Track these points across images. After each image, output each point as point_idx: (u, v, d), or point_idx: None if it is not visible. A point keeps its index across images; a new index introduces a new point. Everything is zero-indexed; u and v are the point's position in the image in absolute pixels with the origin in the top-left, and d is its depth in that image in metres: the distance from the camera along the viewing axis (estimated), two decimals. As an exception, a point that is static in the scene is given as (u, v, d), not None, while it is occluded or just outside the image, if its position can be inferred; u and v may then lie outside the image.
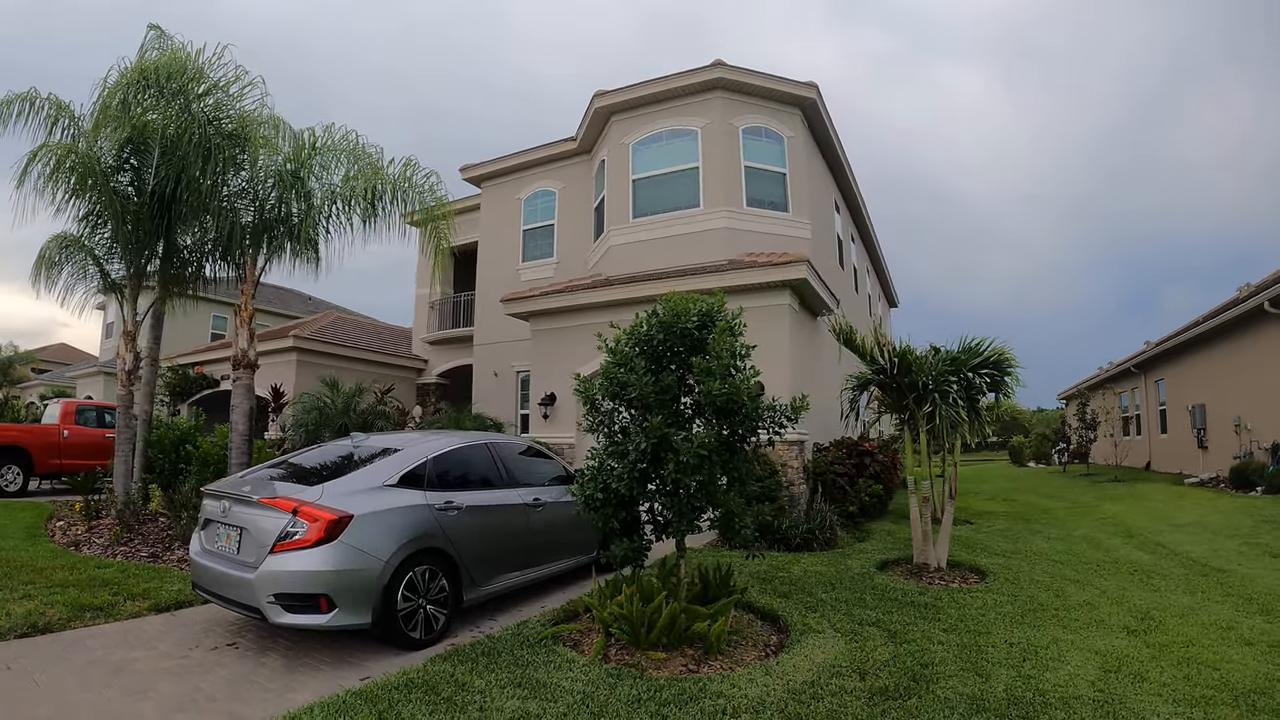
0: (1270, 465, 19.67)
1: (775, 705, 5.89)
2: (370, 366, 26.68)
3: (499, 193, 24.68)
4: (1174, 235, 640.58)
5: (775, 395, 15.00)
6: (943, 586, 10.47)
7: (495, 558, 8.78)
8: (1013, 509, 21.00)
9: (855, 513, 15.35)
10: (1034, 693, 6.23)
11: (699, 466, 7.33)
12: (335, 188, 14.45)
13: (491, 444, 9.89)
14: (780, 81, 19.04)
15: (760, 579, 10.37)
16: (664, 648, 7.16)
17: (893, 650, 7.33)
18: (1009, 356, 11.52)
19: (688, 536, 8.26)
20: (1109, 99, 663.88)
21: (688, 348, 8.02)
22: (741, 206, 18.45)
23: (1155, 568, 11.71)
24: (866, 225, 29.44)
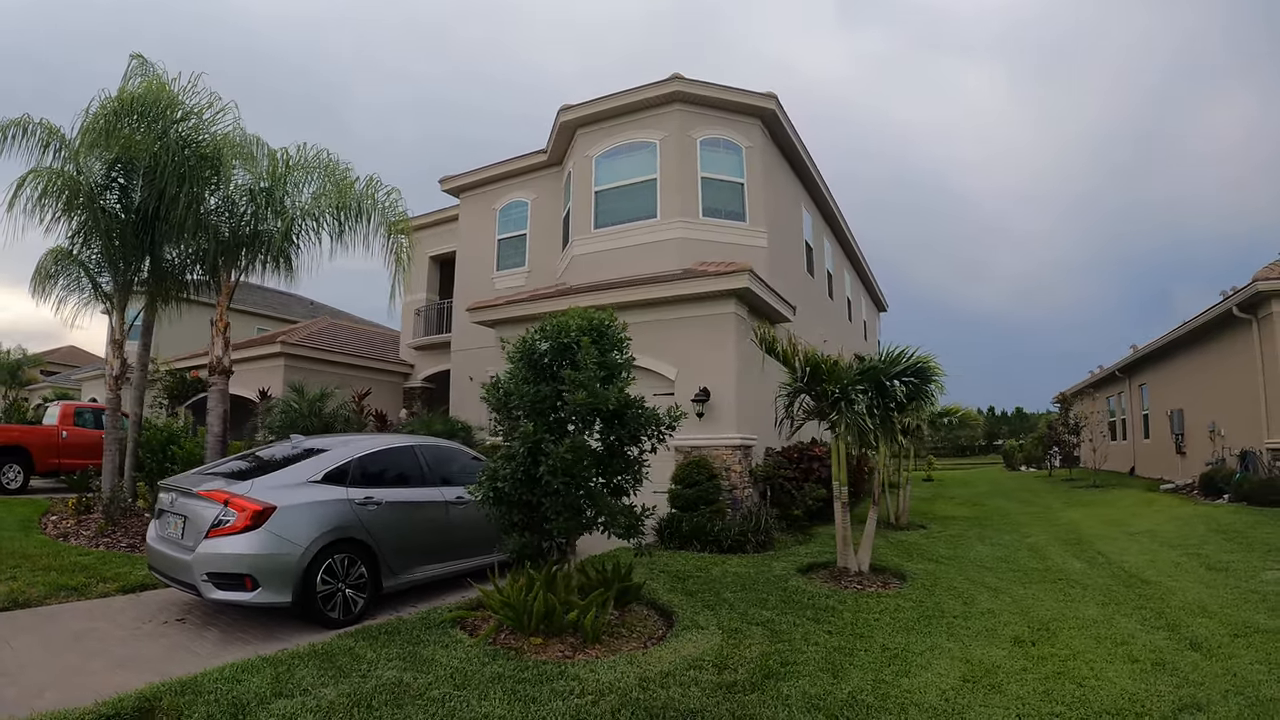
0: (1238, 473, 19.63)
1: (620, 689, 6.31)
2: (357, 371, 26.90)
3: (476, 203, 24.90)
4: (1179, 232, 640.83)
5: (722, 400, 15.30)
6: (855, 591, 10.61)
7: (415, 549, 9.57)
8: (976, 514, 21.00)
9: (800, 516, 15.49)
10: (877, 697, 6.39)
11: (568, 469, 7.89)
12: (304, 206, 15.08)
13: (419, 446, 10.68)
14: (738, 93, 19.12)
15: (677, 578, 10.92)
16: (544, 634, 7.69)
17: (764, 649, 7.65)
18: (932, 365, 11.74)
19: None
20: (1111, 95, 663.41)
21: (570, 362, 8.53)
22: (697, 217, 18.59)
23: (1082, 577, 11.70)
24: (844, 231, 29.46)
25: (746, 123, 19.54)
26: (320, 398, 19.98)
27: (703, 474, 14.73)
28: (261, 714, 5.64)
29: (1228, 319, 21.52)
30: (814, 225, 25.18)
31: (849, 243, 30.91)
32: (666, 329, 16.67)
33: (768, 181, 19.97)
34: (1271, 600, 9.45)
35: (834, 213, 27.28)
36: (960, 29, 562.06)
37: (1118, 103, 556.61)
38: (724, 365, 15.21)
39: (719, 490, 14.79)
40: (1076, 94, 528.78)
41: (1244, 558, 12.21)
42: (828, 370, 11.58)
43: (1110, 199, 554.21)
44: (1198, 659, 7.43)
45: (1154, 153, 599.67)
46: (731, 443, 15.72)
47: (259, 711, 5.68)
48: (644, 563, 11.29)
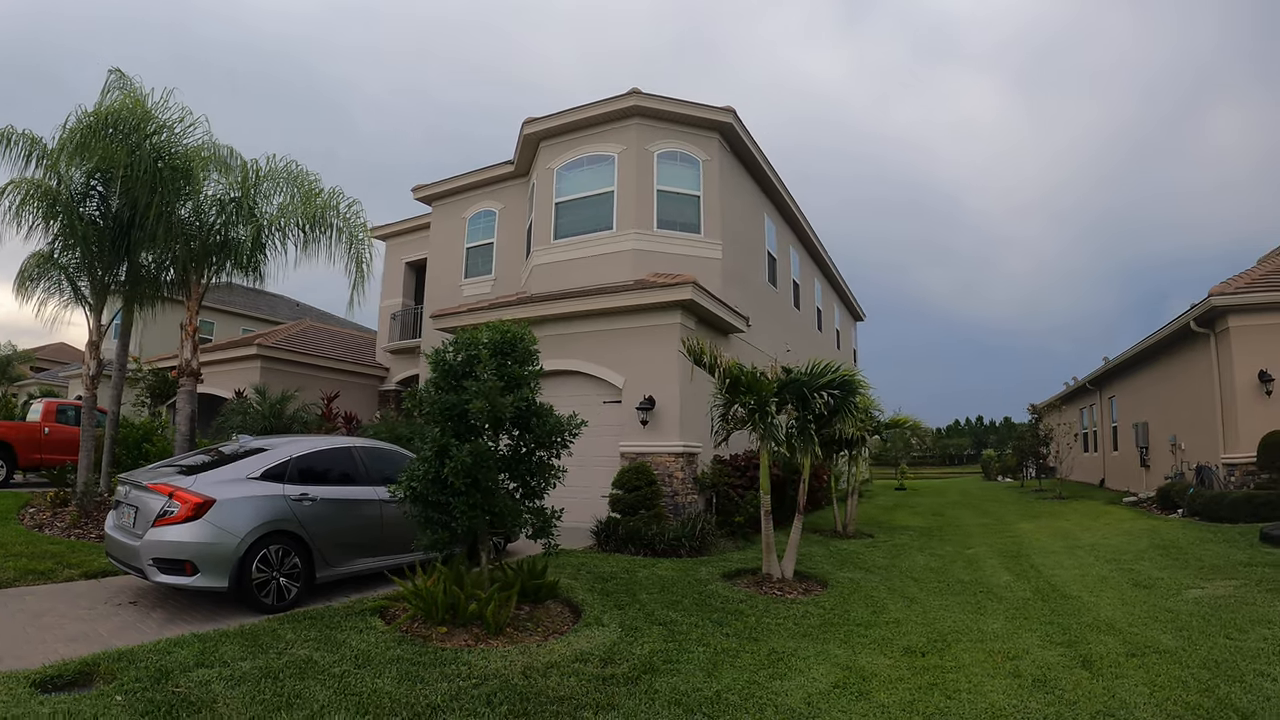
0: (1191, 487, 19.56)
1: (503, 676, 6.80)
2: (332, 374, 26.85)
3: (447, 211, 24.96)
4: (1184, 245, 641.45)
5: (666, 408, 15.34)
6: (772, 596, 10.80)
7: (350, 544, 10.15)
8: (930, 524, 21.01)
9: (742, 523, 15.58)
10: (742, 697, 6.67)
11: (469, 471, 8.29)
12: (271, 215, 15.32)
13: (358, 447, 11.22)
14: (696, 107, 19.16)
15: (601, 578, 11.27)
16: (450, 624, 8.22)
17: (655, 647, 8.04)
18: (855, 379, 12.12)
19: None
20: (1119, 107, 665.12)
21: (474, 372, 8.95)
22: (652, 229, 18.61)
23: (1005, 590, 11.71)
24: (813, 242, 29.44)
25: (704, 136, 19.56)
26: (281, 400, 20.18)
27: (642, 479, 14.82)
28: (182, 679, 6.30)
29: (1186, 333, 21.52)
30: (778, 236, 25.16)
31: (819, 253, 30.89)
32: (616, 338, 16.82)
33: (726, 194, 19.98)
34: (1183, 620, 9.42)
35: (801, 224, 27.29)
36: (962, 37, 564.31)
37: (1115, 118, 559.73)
38: (669, 375, 15.29)
39: (658, 496, 14.92)
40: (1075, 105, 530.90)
41: (1173, 575, 12.17)
42: (747, 382, 11.65)
43: (1107, 209, 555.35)
44: (1083, 678, 7.41)
45: (1155, 158, 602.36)
46: (674, 450, 15.85)
47: (180, 677, 6.35)
48: (574, 563, 12.04)
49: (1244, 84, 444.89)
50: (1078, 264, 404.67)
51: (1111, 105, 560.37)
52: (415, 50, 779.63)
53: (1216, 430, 19.84)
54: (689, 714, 6.26)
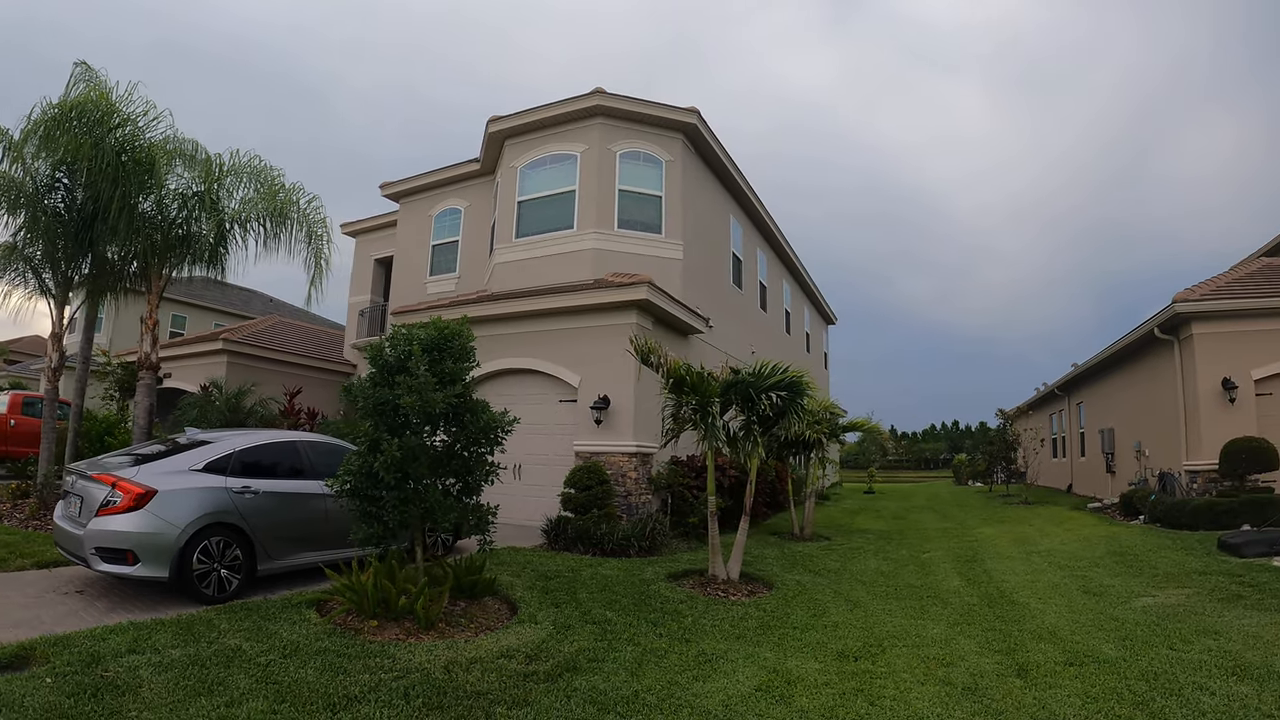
0: (1153, 494, 19.45)
1: (425, 670, 6.85)
2: (300, 370, 26.50)
3: (414, 209, 24.70)
4: (1163, 252, 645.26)
5: (621, 408, 15.17)
6: (715, 598, 10.71)
7: (292, 537, 10.19)
8: (891, 528, 20.95)
9: (696, 524, 15.47)
10: (660, 698, 6.67)
11: (399, 466, 8.34)
12: (233, 210, 15.28)
13: (304, 441, 11.27)
14: (660, 108, 18.96)
15: (545, 576, 11.19)
16: (382, 618, 8.27)
17: (584, 645, 8.05)
18: (803, 381, 11.97)
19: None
20: (1098, 115, 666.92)
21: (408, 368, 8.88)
22: (612, 228, 18.41)
23: (953, 595, 11.57)
24: (782, 245, 29.28)
25: (668, 137, 19.35)
26: (238, 394, 20.15)
27: (594, 479, 14.75)
28: (113, 664, 6.45)
29: (1151, 340, 21.48)
30: (744, 237, 24.97)
31: (788, 256, 30.71)
32: (573, 338, 16.69)
33: (689, 194, 19.80)
34: (1128, 629, 9.24)
35: (770, 226, 27.11)
36: (948, 47, 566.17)
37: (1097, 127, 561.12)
38: (624, 375, 15.12)
39: (611, 495, 14.86)
40: (1057, 116, 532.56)
41: (1126, 582, 12.01)
42: (692, 382, 11.55)
43: (1087, 218, 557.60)
44: (1016, 687, 7.25)
45: (1137, 172, 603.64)
46: (628, 450, 15.73)
47: (111, 662, 6.49)
48: (520, 560, 12.01)
49: (1228, 100, 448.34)
50: (1057, 275, 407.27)
51: (1096, 118, 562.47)
52: (402, 45, 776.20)
53: (1180, 437, 19.71)
54: (603, 713, 6.25)
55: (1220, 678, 7.26)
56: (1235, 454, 17.14)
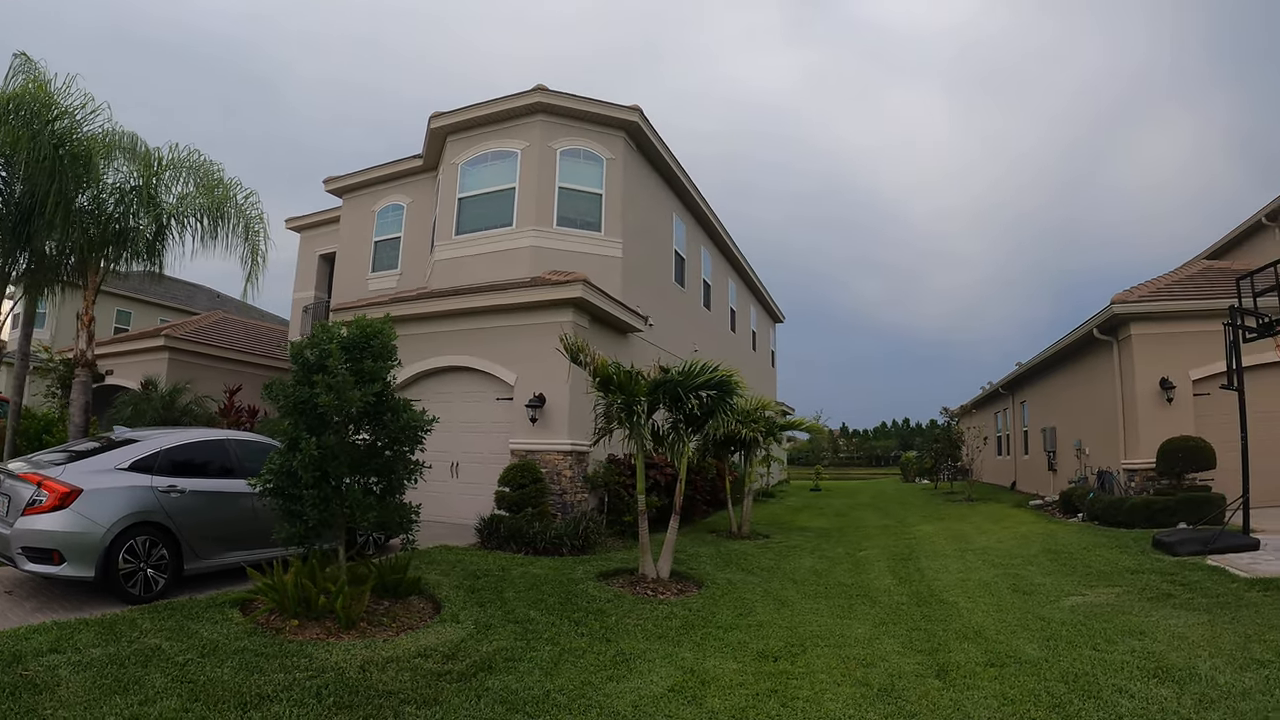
0: (1091, 492, 19.52)
1: (340, 669, 6.83)
2: (243, 366, 26.17)
3: (357, 204, 24.28)
4: (1117, 255, 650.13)
5: (556, 406, 15.03)
6: (643, 597, 10.68)
7: (219, 536, 10.01)
8: (831, 526, 20.98)
9: (632, 522, 15.23)
10: (571, 698, 6.68)
11: (318, 465, 8.27)
12: (171, 206, 15.03)
13: (231, 440, 11.13)
14: (601, 105, 18.79)
15: (474, 575, 11.03)
16: (303, 618, 8.15)
17: (503, 645, 8.03)
18: (733, 380, 11.92)
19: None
20: (1057, 121, 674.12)
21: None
22: (551, 226, 18.21)
23: (884, 594, 11.52)
24: (727, 243, 29.15)
25: (610, 135, 19.17)
26: (174, 391, 19.87)
27: (528, 477, 14.62)
28: (33, 663, 6.43)
29: (1090, 341, 21.59)
30: (688, 236, 24.80)
31: (733, 254, 30.57)
32: (510, 335, 16.50)
33: (630, 192, 19.63)
34: (1053, 628, 9.15)
35: (715, 225, 26.96)
36: (908, 52, 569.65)
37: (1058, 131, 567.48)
38: (560, 373, 14.83)
39: (545, 493, 14.75)
40: (1017, 120, 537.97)
41: (1057, 581, 11.95)
42: (619, 381, 11.44)
43: (1046, 221, 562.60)
44: (934, 688, 7.17)
45: (1091, 178, 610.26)
46: (563, 448, 15.59)
47: (32, 662, 6.46)
48: (451, 559, 11.87)
49: (1183, 109, 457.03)
50: (1014, 276, 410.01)
51: (1054, 124, 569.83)
52: (358, 38, 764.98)
53: (1119, 436, 19.86)
54: (512, 713, 6.26)
55: (1141, 680, 7.15)
56: (1172, 453, 17.21)
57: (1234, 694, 6.64)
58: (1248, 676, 7.01)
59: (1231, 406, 14.29)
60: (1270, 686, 6.73)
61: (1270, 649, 7.72)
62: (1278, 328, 13.50)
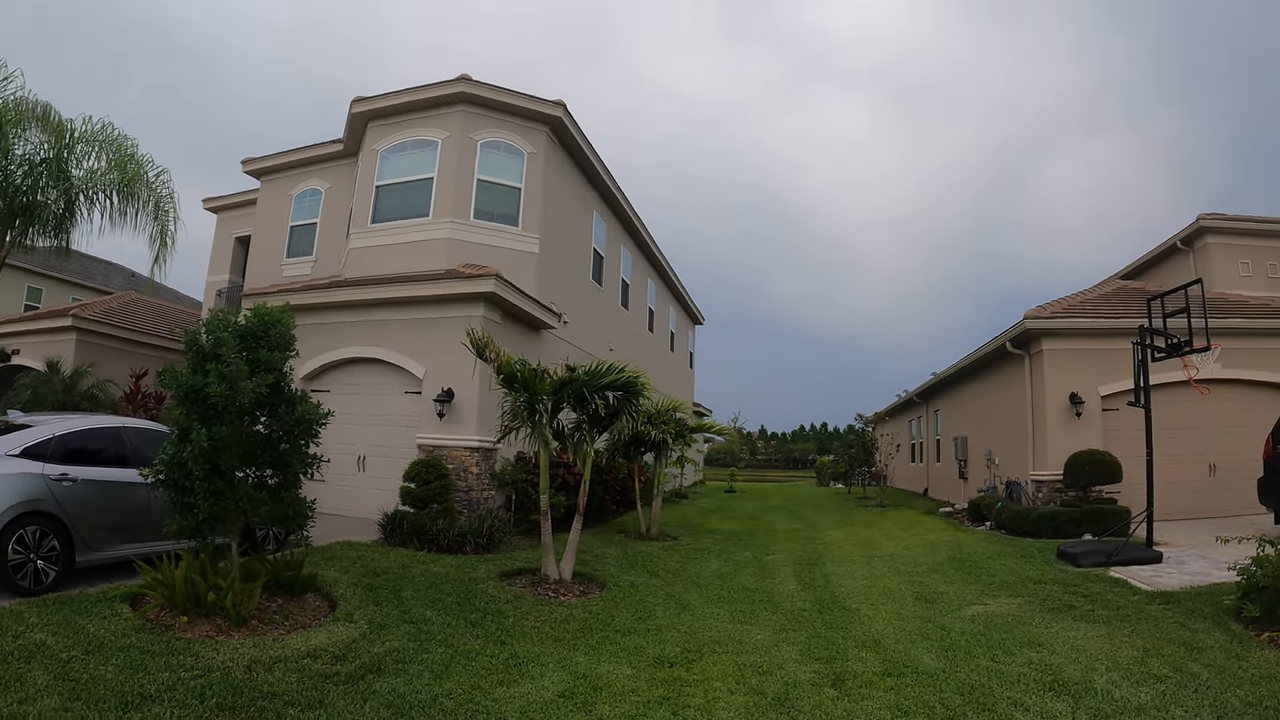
0: (999, 501, 19.60)
1: (226, 669, 6.55)
2: (154, 350, 25.34)
3: (275, 187, 23.60)
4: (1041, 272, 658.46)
5: (464, 402, 14.74)
6: (543, 598, 10.52)
7: (114, 527, 9.56)
8: (741, 529, 20.90)
9: (539, 521, 15.02)
10: (459, 702, 6.49)
11: (208, 457, 7.88)
12: (81, 179, 14.54)
13: (129, 428, 10.60)
14: (525, 98, 18.49)
15: (373, 573, 10.65)
16: (193, 614, 7.83)
17: (395, 645, 7.79)
18: (639, 381, 11.83)
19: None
20: (980, 134, 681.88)
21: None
22: (468, 218, 17.89)
23: (787, 599, 11.39)
24: (647, 243, 28.98)
25: (532, 129, 18.87)
26: (74, 375, 19.31)
27: (434, 473, 14.26)
28: None
29: (1003, 354, 21.78)
30: (608, 234, 24.57)
31: (654, 254, 30.38)
32: (421, 328, 16.12)
33: (550, 188, 19.36)
34: (953, 638, 9.03)
35: (635, 224, 26.74)
36: (839, 58, 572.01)
37: (981, 144, 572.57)
38: (468, 368, 14.48)
39: (450, 490, 14.44)
40: (943, 132, 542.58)
41: (960, 590, 11.87)
42: (524, 379, 11.24)
43: (972, 235, 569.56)
44: (829, 697, 7.03)
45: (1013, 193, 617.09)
46: (470, 444, 15.26)
47: None
48: (352, 556, 11.54)
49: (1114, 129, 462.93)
50: (935, 288, 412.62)
51: (977, 137, 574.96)
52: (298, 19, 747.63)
53: (1028, 447, 20.07)
54: (398, 717, 6.10)
55: (1037, 693, 7.04)
56: (1079, 466, 17.38)
57: (1129, 709, 6.55)
58: (1143, 691, 6.92)
59: (1138, 422, 14.40)
60: (1166, 702, 6.63)
61: (1168, 663, 7.65)
62: (1185, 348, 13.63)
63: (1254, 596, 8.85)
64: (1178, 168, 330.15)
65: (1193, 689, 6.94)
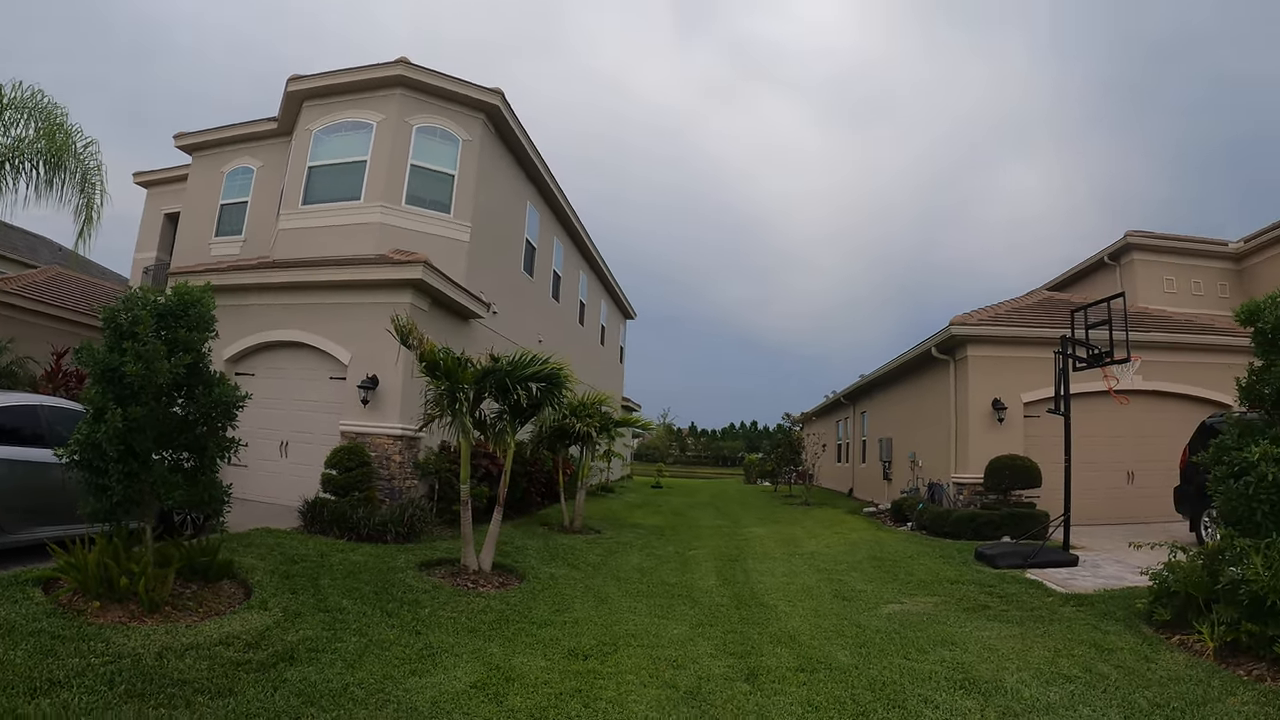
0: (921, 503, 19.76)
1: (137, 656, 6.36)
2: (78, 328, 24.59)
3: (206, 163, 22.99)
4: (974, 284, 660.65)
5: (389, 389, 14.56)
6: (462, 589, 10.43)
7: (29, 509, 9.18)
8: (666, 524, 20.94)
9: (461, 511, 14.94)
10: (369, 692, 6.40)
11: (122, 438, 7.62)
12: (5, 147, 13.81)
13: (46, 406, 10.19)
14: (463, 85, 18.25)
15: (291, 561, 10.43)
16: (106, 599, 7.57)
17: (309, 634, 7.67)
18: (562, 373, 11.81)
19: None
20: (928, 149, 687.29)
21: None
22: (400, 204, 17.61)
23: (706, 595, 11.38)
24: (581, 236, 28.75)
25: (469, 116, 18.63)
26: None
27: (356, 460, 14.06)
28: None
29: (929, 358, 22.01)
30: (541, 225, 24.33)
31: (586, 247, 30.17)
32: (348, 314, 15.82)
33: (485, 176, 19.12)
34: (868, 635, 9.04)
35: (570, 217, 26.52)
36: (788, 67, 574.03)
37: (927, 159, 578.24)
38: (394, 355, 14.28)
39: (372, 478, 14.25)
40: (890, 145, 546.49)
41: (878, 588, 11.90)
42: (446, 367, 11.09)
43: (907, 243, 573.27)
44: (741, 692, 7.01)
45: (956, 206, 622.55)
46: (393, 432, 15.00)
47: None
48: (271, 542, 11.23)
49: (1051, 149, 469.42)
50: (868, 294, 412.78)
51: (925, 150, 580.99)
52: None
53: (951, 450, 20.28)
54: (307, 705, 5.97)
55: (947, 690, 7.04)
56: (1000, 470, 17.64)
57: (1038, 708, 6.56)
58: (1053, 691, 6.94)
59: (1059, 429, 14.59)
60: (1074, 702, 6.66)
61: (1078, 664, 7.70)
62: (1106, 359, 13.85)
63: (1165, 601, 8.96)
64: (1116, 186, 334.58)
65: (1101, 689, 6.98)
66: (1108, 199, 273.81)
